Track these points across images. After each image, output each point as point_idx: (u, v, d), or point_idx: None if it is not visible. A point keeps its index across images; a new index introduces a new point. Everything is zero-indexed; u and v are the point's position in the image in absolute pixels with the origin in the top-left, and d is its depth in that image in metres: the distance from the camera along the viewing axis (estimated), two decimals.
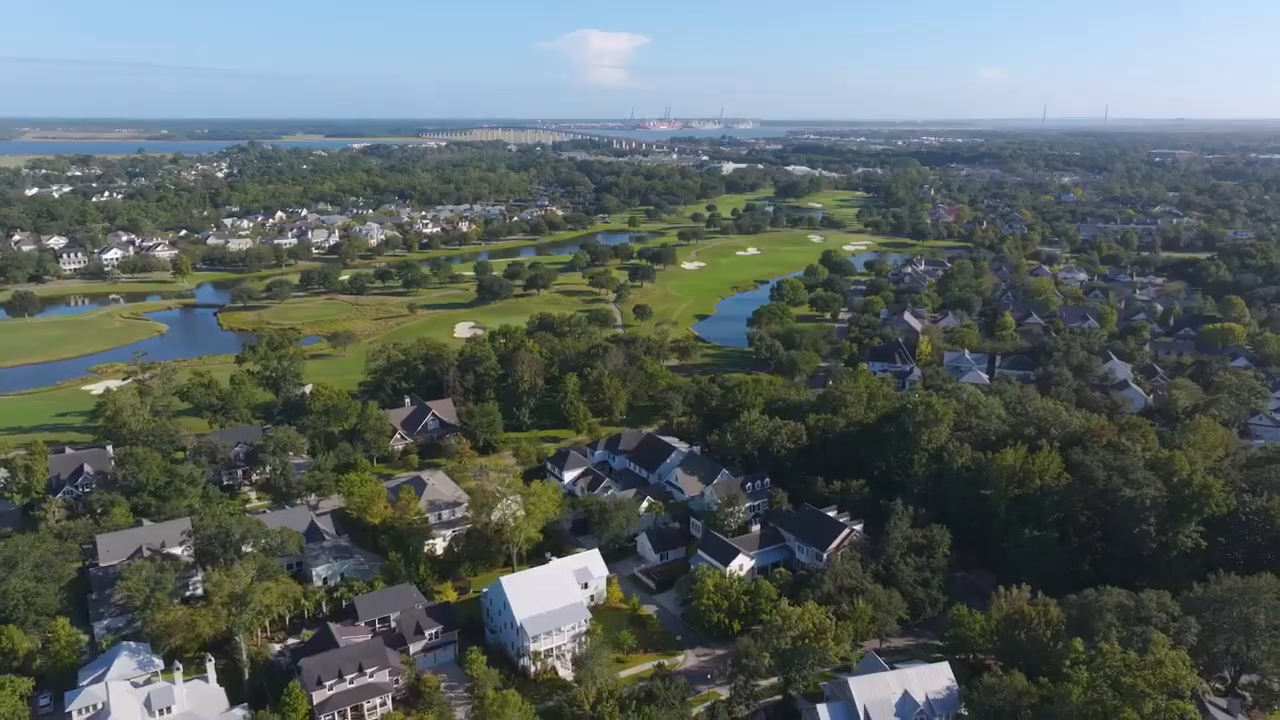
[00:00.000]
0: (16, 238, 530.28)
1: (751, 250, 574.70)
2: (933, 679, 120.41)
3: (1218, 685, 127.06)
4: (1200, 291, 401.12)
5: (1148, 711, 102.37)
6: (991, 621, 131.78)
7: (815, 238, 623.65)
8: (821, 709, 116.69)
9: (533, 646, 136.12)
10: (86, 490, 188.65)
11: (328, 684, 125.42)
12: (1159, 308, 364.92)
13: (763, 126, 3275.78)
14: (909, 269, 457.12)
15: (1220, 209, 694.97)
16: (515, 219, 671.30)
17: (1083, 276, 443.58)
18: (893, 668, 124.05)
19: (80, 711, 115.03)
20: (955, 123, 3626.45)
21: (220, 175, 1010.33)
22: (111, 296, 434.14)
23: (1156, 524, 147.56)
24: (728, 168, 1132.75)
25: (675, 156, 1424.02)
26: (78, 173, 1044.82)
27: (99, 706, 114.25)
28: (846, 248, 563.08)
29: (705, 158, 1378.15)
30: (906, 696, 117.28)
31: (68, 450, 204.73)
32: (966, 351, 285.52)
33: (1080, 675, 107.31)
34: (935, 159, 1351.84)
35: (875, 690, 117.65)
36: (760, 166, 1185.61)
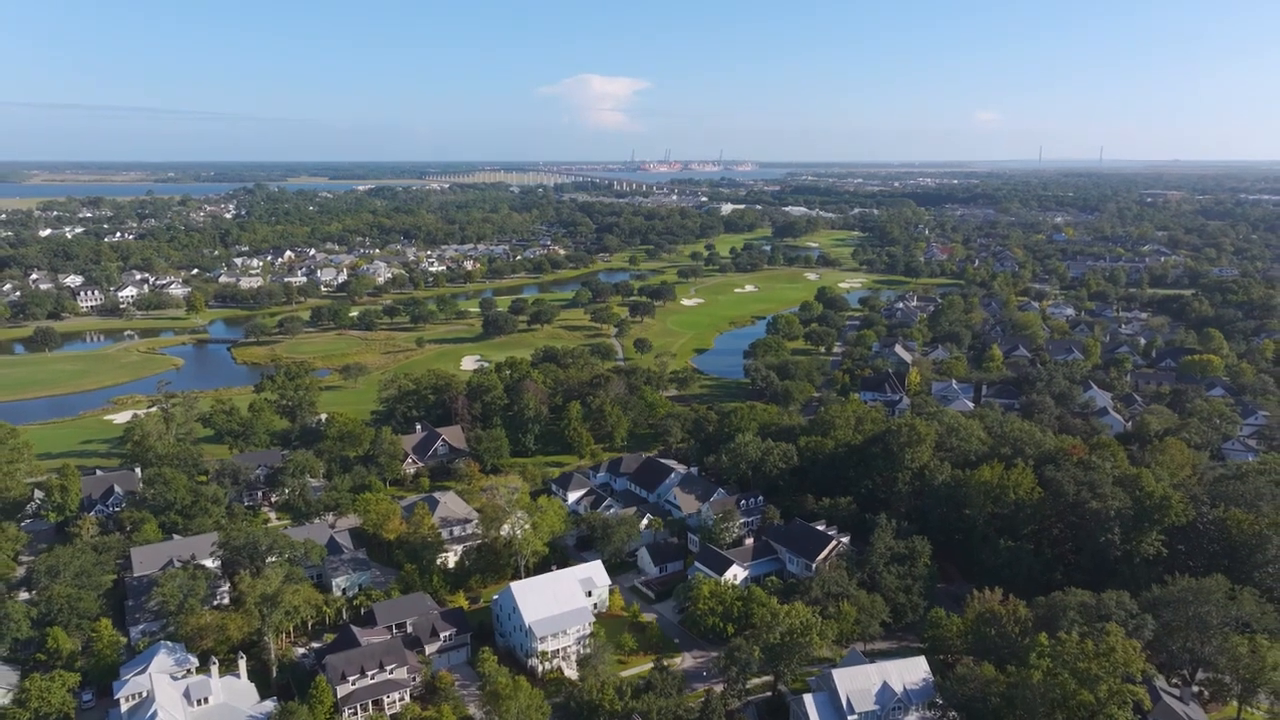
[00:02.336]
0: (34, 276, 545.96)
1: (749, 288, 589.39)
2: (910, 671, 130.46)
3: (1177, 682, 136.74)
4: (1183, 326, 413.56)
5: (1102, 694, 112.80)
6: (967, 622, 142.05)
7: (811, 275, 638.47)
8: (807, 698, 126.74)
9: (540, 647, 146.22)
10: (117, 509, 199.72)
11: (351, 679, 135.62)
12: (1142, 341, 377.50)
13: (761, 168, 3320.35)
14: (901, 304, 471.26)
15: (1208, 247, 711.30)
16: (518, 258, 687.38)
17: (1070, 312, 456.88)
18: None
19: (127, 699, 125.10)
20: (952, 164, 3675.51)
21: (228, 216, 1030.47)
22: (127, 333, 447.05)
23: (1121, 533, 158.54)
24: (726, 208, 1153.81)
25: (675, 198, 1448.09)
26: (89, 214, 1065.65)
27: (144, 694, 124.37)
28: (841, 285, 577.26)
29: (704, 199, 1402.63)
30: (885, 686, 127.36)
31: (98, 472, 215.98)
32: (954, 381, 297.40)
33: (1042, 663, 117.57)
34: (931, 200, 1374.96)
35: (857, 681, 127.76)
36: (758, 207, 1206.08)
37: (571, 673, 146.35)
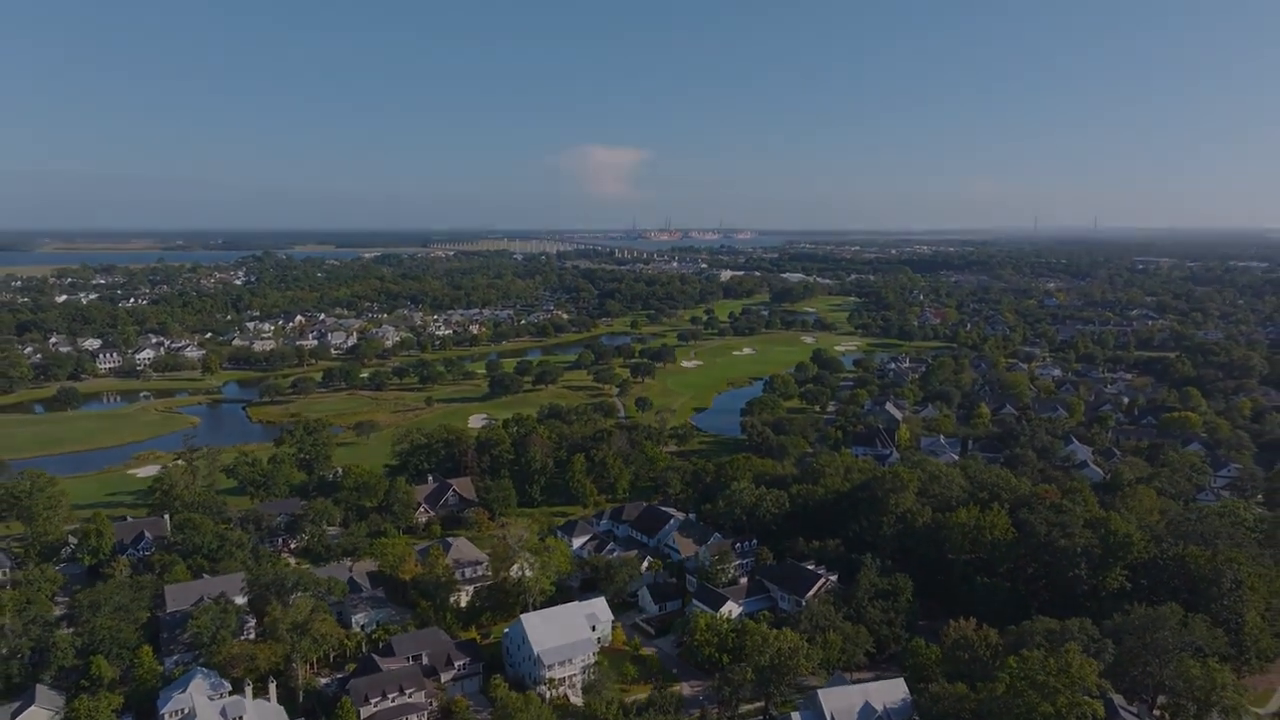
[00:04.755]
0: (54, 340, 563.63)
1: (747, 350, 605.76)
2: (890, 692, 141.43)
3: (1136, 706, 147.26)
4: (1166, 385, 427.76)
5: (1061, 705, 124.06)
6: (944, 650, 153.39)
7: (808, 339, 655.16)
8: (795, 716, 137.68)
9: (548, 674, 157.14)
10: (147, 553, 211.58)
11: (373, 702, 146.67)
12: (1125, 400, 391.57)
13: (760, 236, 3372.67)
14: (893, 365, 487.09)
15: (1194, 312, 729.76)
16: (523, 322, 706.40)
17: (1056, 372, 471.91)
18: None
19: (171, 715, 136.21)
20: (949, 231, 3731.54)
21: (238, 282, 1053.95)
22: (143, 393, 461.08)
23: (1088, 569, 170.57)
24: (726, 275, 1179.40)
25: (675, 264, 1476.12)
26: (102, 280, 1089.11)
27: (187, 711, 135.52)
28: (837, 348, 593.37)
29: (704, 266, 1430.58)
30: (867, 705, 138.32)
31: (128, 519, 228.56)
32: (942, 437, 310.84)
33: (1005, 677, 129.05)
34: (926, 266, 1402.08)
35: (840, 700, 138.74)
36: (757, 273, 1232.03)
37: (577, 700, 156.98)
